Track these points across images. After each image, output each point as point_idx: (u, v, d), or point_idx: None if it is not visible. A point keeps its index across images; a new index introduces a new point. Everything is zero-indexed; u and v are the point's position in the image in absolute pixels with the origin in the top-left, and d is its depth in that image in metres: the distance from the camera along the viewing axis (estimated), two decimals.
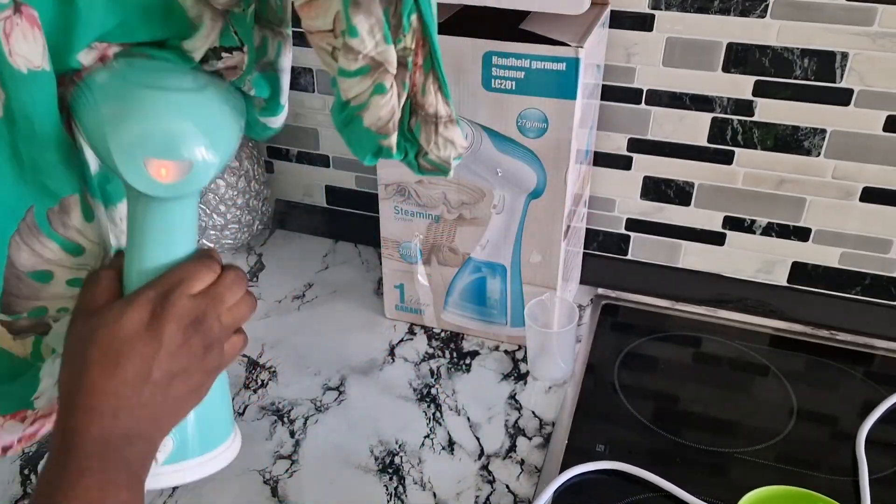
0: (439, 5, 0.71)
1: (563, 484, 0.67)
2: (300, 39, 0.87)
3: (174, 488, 0.67)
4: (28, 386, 0.54)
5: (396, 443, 0.72)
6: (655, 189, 0.87)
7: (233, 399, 0.78)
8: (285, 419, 0.75)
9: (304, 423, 0.75)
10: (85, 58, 0.48)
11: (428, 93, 0.50)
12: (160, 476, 0.53)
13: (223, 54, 0.51)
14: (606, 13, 0.77)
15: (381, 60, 0.46)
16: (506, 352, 0.84)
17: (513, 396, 0.78)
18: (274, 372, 0.81)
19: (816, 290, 0.87)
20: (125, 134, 0.45)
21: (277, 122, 0.59)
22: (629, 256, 0.93)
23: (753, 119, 0.80)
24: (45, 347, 0.56)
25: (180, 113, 0.46)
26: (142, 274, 0.49)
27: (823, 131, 0.78)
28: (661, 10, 0.77)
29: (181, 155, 0.46)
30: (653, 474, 0.67)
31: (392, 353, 0.84)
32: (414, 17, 0.46)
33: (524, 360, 0.83)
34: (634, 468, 0.68)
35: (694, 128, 0.82)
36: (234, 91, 0.51)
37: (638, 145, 0.85)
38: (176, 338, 0.46)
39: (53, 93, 0.46)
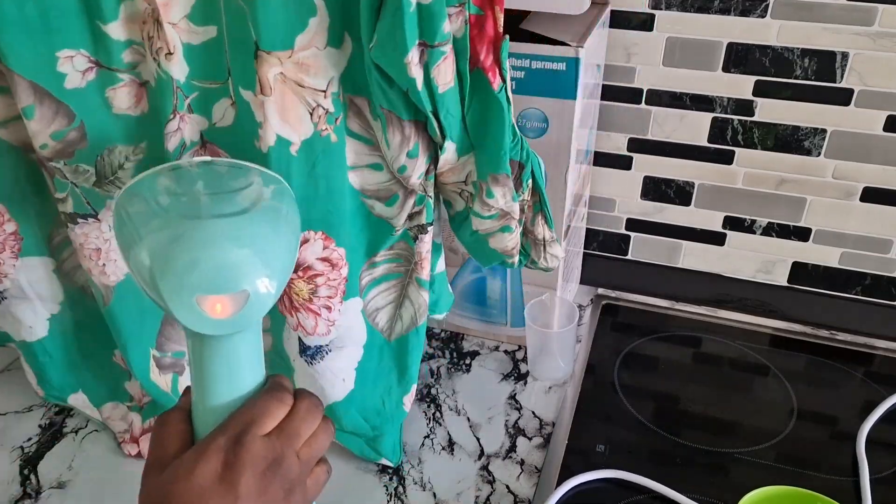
0: None
1: (563, 495, 0.67)
2: None
3: None
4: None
5: None
6: (655, 189, 0.87)
7: None
8: None
9: None
10: None
11: (536, 225, 0.64)
12: None
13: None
14: (606, 13, 0.76)
15: (508, 211, 0.61)
16: (506, 352, 0.84)
17: (513, 396, 0.78)
18: None
19: (817, 290, 0.87)
20: (172, 273, 0.41)
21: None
22: (629, 256, 0.93)
23: (754, 119, 0.80)
24: (180, 384, 0.70)
25: (228, 240, 0.42)
26: (210, 412, 0.45)
27: (824, 131, 0.78)
28: (661, 9, 0.77)
29: (235, 287, 0.42)
30: (653, 481, 0.67)
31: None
32: (530, 180, 0.62)
33: (524, 360, 0.83)
34: (634, 475, 0.68)
35: (694, 128, 0.82)
36: (286, 205, 0.48)
37: (638, 145, 0.85)
38: (253, 486, 0.42)
39: None
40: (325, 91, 0.55)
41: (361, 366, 0.68)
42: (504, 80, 0.56)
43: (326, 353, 0.66)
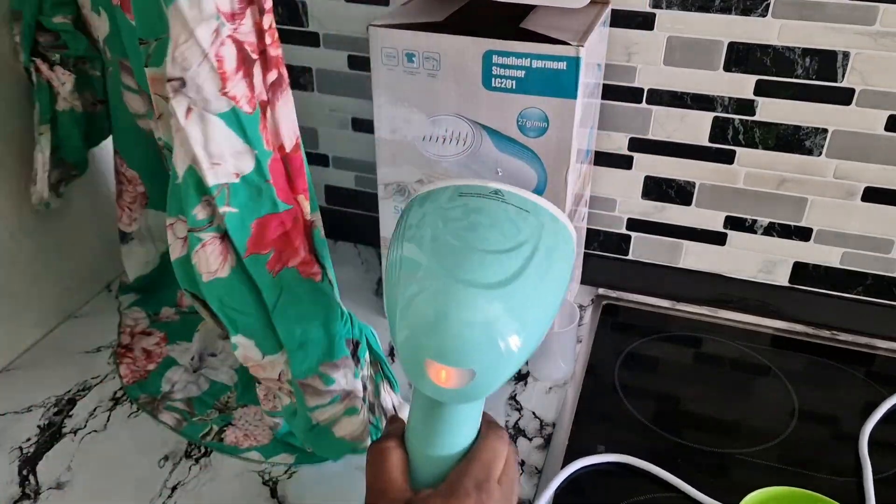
0: (440, 3, 0.73)
1: (564, 480, 0.66)
2: (302, 38, 0.87)
3: (173, 488, 0.67)
4: None
5: None
6: (656, 189, 0.87)
7: None
8: None
9: None
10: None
11: (382, 395, 0.64)
12: None
13: None
14: (607, 12, 0.76)
15: (350, 390, 0.59)
16: None
17: (513, 397, 0.78)
18: None
19: (818, 290, 0.87)
20: (409, 325, 0.41)
21: None
22: (630, 256, 0.92)
23: (755, 118, 0.79)
24: None
25: (474, 315, 0.40)
26: (429, 460, 0.47)
27: (825, 131, 0.78)
28: (661, 9, 0.77)
29: (464, 364, 0.40)
30: (656, 467, 0.67)
31: (392, 353, 0.84)
32: (367, 355, 0.61)
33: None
34: (637, 460, 0.68)
35: (695, 127, 0.82)
36: (556, 265, 0.46)
37: (639, 145, 0.85)
38: None
39: None
40: None
41: None
42: (324, 268, 0.57)
43: None
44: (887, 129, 0.76)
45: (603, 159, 0.87)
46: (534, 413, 0.76)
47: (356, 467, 0.70)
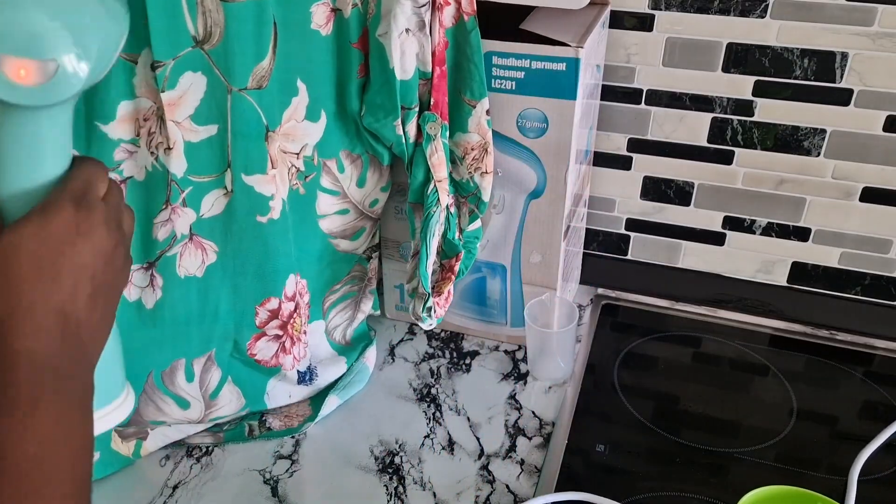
0: None
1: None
2: None
3: (174, 487, 0.67)
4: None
5: (396, 443, 0.72)
6: (655, 189, 0.87)
7: None
8: None
9: None
10: None
11: (415, 278, 0.74)
12: None
13: None
14: (606, 13, 0.77)
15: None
16: (506, 352, 0.84)
17: (513, 396, 0.78)
18: None
19: (816, 290, 0.87)
20: None
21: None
22: (629, 256, 0.93)
23: (753, 119, 0.80)
24: (143, 449, 0.70)
25: (44, 4, 0.39)
26: (11, 199, 0.42)
27: (823, 131, 0.78)
28: (661, 10, 0.77)
29: (44, 54, 0.39)
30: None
31: (392, 353, 0.84)
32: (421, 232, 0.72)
33: (524, 360, 0.83)
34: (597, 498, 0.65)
35: (694, 128, 0.82)
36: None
37: (638, 145, 0.85)
38: (107, 243, 0.42)
39: None
40: (297, 154, 0.66)
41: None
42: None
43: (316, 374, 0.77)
44: (885, 129, 0.76)
45: (602, 160, 0.87)
46: (533, 412, 0.76)
47: (357, 467, 0.70)
